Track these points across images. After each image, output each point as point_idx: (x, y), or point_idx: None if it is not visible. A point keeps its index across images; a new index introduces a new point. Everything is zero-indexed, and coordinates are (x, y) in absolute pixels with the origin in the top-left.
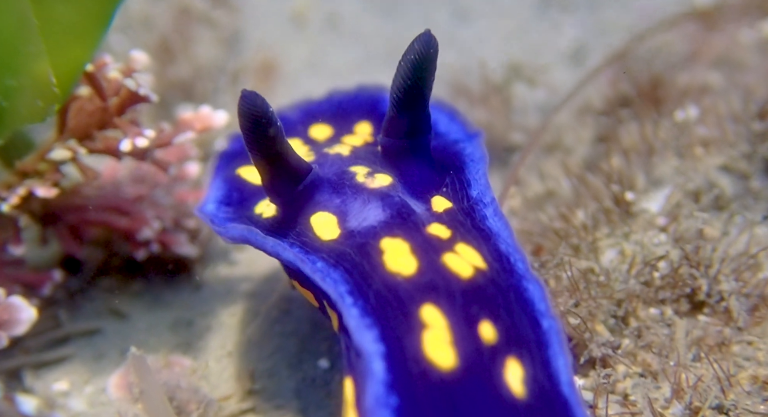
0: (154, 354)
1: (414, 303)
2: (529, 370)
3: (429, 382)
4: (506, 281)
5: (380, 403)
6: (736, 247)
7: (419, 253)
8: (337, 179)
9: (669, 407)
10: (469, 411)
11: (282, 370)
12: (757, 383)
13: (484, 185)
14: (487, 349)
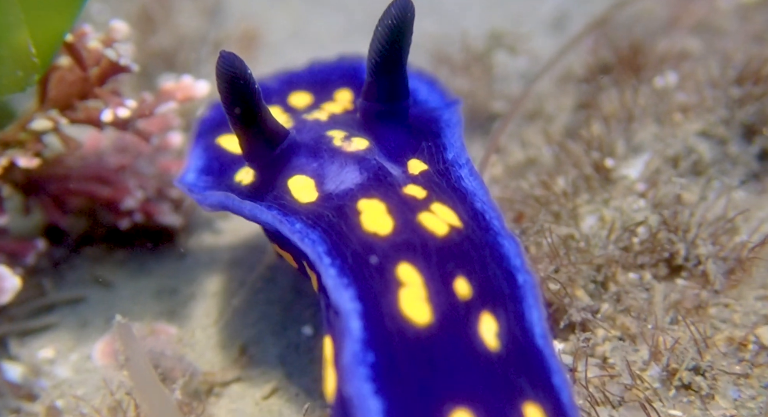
0: (139, 322)
1: (390, 262)
2: (503, 323)
3: (405, 339)
4: (482, 238)
5: (357, 361)
6: (714, 212)
7: (395, 213)
8: (314, 143)
9: (647, 369)
10: (444, 365)
11: (266, 337)
12: (733, 344)
13: (459, 148)
14: (462, 304)
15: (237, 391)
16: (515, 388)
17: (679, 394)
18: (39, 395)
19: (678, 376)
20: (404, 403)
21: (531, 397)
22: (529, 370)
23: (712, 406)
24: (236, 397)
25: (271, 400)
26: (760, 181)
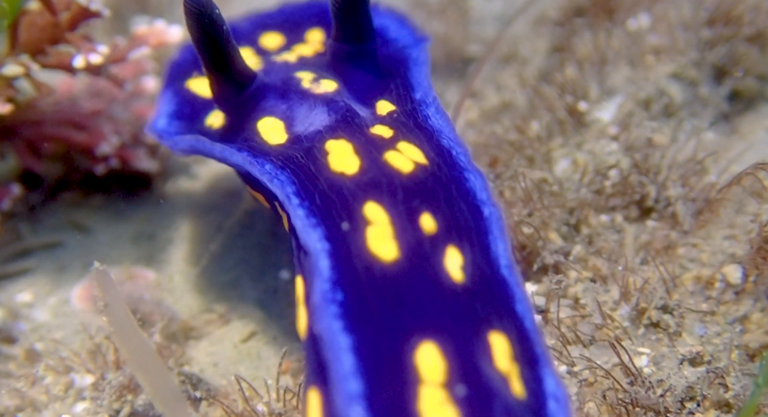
0: (117, 267)
1: (357, 201)
2: (469, 256)
3: (373, 276)
4: (448, 174)
5: (327, 299)
6: (684, 154)
7: (362, 153)
8: (283, 85)
9: (617, 309)
10: (411, 299)
11: (245, 281)
12: (701, 283)
13: (426, 87)
14: (427, 239)
15: (215, 334)
16: (480, 319)
17: (647, 332)
18: (18, 338)
19: (647, 314)
20: (372, 339)
21: (496, 326)
22: (494, 300)
23: (679, 343)
24: (215, 340)
25: (249, 343)
26: (730, 122)
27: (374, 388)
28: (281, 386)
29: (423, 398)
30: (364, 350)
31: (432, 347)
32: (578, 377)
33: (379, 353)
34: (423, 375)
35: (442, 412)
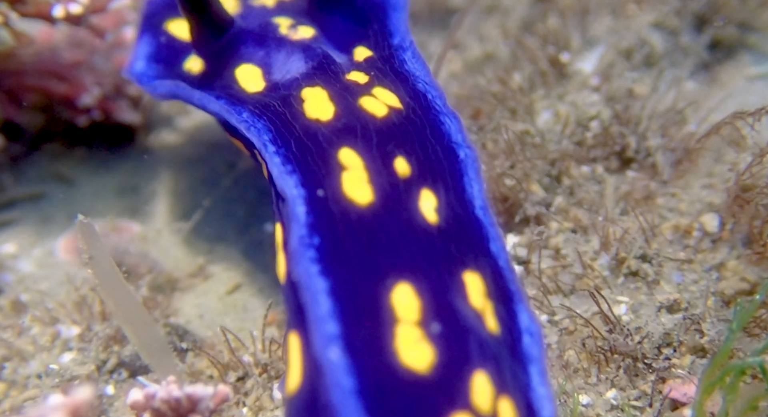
0: (101, 219)
1: (332, 146)
2: (443, 198)
3: (348, 220)
4: (423, 117)
5: (303, 244)
6: (664, 103)
7: (337, 99)
8: (261, 31)
9: (597, 259)
10: (387, 242)
11: (230, 234)
12: (679, 232)
13: (404, 32)
14: (401, 182)
15: (201, 286)
16: (454, 259)
17: (626, 281)
18: (3, 289)
19: (626, 264)
20: (349, 281)
21: (470, 265)
22: (468, 241)
23: (657, 291)
24: (200, 292)
25: (235, 295)
26: (710, 71)
27: (351, 328)
28: (267, 337)
29: (399, 337)
30: (341, 292)
31: (407, 287)
32: (558, 326)
33: (355, 295)
34: (399, 314)
35: (418, 350)
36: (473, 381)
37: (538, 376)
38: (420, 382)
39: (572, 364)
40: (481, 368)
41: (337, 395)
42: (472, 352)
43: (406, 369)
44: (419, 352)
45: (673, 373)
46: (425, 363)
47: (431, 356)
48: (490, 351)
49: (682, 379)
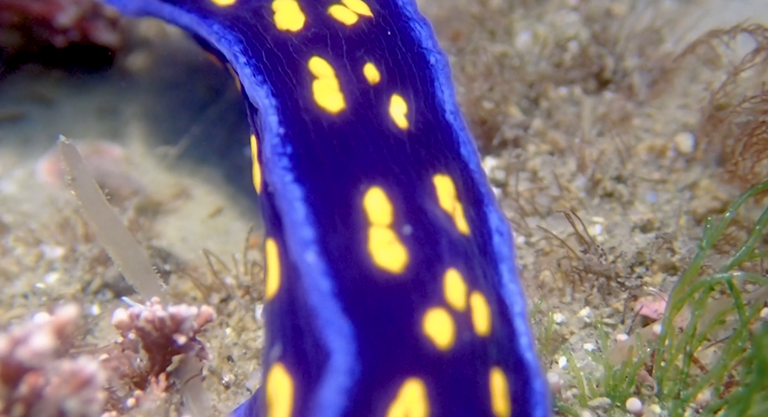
0: (82, 140)
1: (302, 56)
2: (413, 104)
3: (320, 127)
4: (393, 24)
5: (277, 153)
6: (642, 23)
7: (307, 9)
8: None
9: (573, 180)
10: (358, 148)
11: (211, 158)
12: (654, 152)
13: None
14: (372, 88)
15: (183, 210)
16: (424, 163)
17: (602, 202)
18: None
19: (602, 185)
20: (322, 187)
21: (440, 169)
22: (439, 145)
23: (631, 211)
24: (183, 215)
25: (217, 218)
26: None
27: (326, 233)
28: (249, 260)
29: (372, 239)
30: (315, 198)
31: (379, 192)
32: (535, 247)
33: (329, 201)
34: (371, 218)
35: (391, 251)
36: (446, 279)
37: (508, 274)
38: (395, 282)
39: (547, 284)
40: (453, 267)
41: (315, 297)
42: (443, 252)
43: (381, 270)
44: (392, 253)
45: (644, 290)
46: (399, 264)
47: (404, 257)
48: (461, 251)
49: (654, 297)
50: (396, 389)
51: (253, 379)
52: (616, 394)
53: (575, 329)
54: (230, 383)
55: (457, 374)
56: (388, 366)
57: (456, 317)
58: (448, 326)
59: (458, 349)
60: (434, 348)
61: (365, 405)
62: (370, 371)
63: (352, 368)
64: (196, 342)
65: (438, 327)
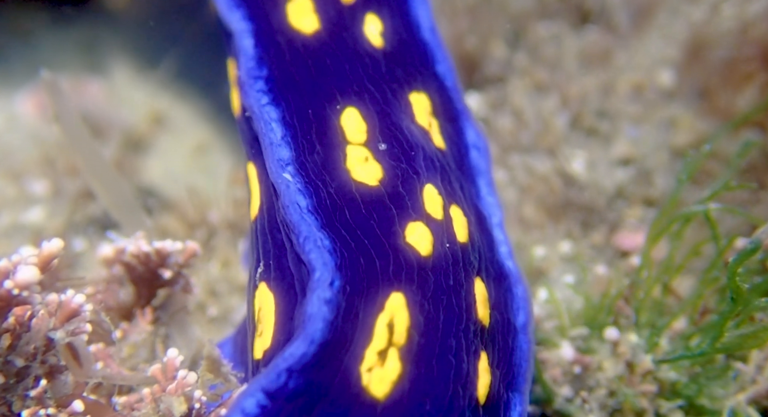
0: (63, 73)
1: None
2: (389, 22)
3: (295, 49)
4: None
5: (252, 76)
6: None
7: None
8: None
9: (556, 116)
10: (333, 67)
11: (193, 93)
12: (635, 88)
13: None
14: (347, 8)
15: (166, 146)
16: (400, 81)
17: (584, 137)
18: None
19: (584, 120)
20: (298, 108)
21: (416, 86)
22: (415, 63)
23: (612, 146)
24: (165, 151)
25: (200, 155)
26: None
27: (303, 152)
28: (232, 196)
29: (349, 157)
30: (291, 119)
31: (354, 110)
32: (517, 183)
33: (305, 121)
34: (348, 136)
35: (367, 167)
36: (423, 193)
37: (486, 187)
38: (372, 196)
39: (529, 219)
40: (430, 181)
41: (294, 214)
42: (419, 166)
43: (358, 185)
44: (369, 169)
45: (623, 224)
46: (376, 179)
47: (381, 173)
48: (438, 165)
49: (632, 230)
50: (380, 300)
51: (237, 313)
52: (595, 324)
53: (556, 262)
54: (215, 317)
55: (439, 282)
56: (370, 277)
57: (435, 228)
58: (427, 236)
59: (439, 258)
60: (415, 258)
61: (350, 316)
62: (352, 283)
63: (334, 281)
64: (181, 276)
65: (417, 237)
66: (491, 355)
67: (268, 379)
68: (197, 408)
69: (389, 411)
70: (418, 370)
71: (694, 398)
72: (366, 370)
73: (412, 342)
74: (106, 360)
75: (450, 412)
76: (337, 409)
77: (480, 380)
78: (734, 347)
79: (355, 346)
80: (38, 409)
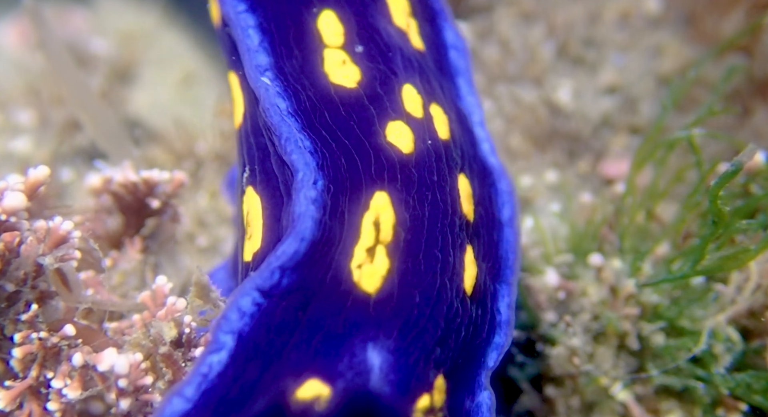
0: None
1: None
2: None
3: None
4: None
5: None
6: None
7: None
8: None
9: (543, 45)
10: None
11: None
12: (622, 15)
13: None
14: None
15: (151, 77)
16: None
17: (570, 66)
18: None
19: (570, 49)
20: (275, 13)
21: None
22: None
23: (599, 75)
24: (151, 83)
25: (185, 86)
26: None
27: (280, 57)
28: (219, 128)
29: (327, 60)
30: (268, 25)
31: (331, 13)
32: (504, 112)
33: (282, 26)
34: (325, 40)
35: (345, 69)
36: (402, 93)
37: (466, 86)
38: (352, 98)
39: (516, 149)
40: (408, 81)
41: (274, 118)
42: (397, 67)
43: (337, 88)
44: (347, 72)
45: (609, 152)
46: (354, 81)
47: (359, 74)
48: (416, 65)
49: (618, 158)
50: (365, 199)
51: (226, 244)
52: (580, 250)
53: (542, 190)
54: (204, 247)
55: (423, 179)
56: (352, 176)
57: (415, 126)
58: (408, 134)
59: (421, 155)
60: (397, 156)
61: (336, 214)
62: (335, 182)
63: (317, 180)
64: (169, 206)
65: (398, 136)
66: (476, 249)
67: (262, 277)
68: (187, 333)
69: (381, 304)
70: (405, 265)
71: (675, 320)
72: (356, 267)
73: (399, 238)
74: (97, 287)
75: (438, 303)
76: (331, 305)
77: (466, 272)
78: (715, 269)
79: (343, 244)
80: (30, 332)
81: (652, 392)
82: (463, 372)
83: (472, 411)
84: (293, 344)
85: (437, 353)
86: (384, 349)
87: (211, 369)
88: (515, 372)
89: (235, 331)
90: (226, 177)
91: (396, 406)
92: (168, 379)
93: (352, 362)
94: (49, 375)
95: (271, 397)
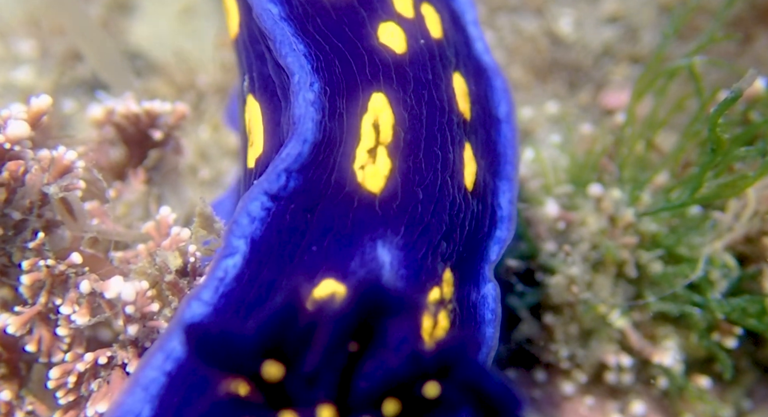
0: None
1: None
2: None
3: None
4: None
5: None
6: None
7: None
8: None
9: None
10: None
11: None
12: None
13: None
14: None
15: (152, 8)
16: None
17: None
18: None
19: None
20: None
21: None
22: None
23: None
24: (151, 14)
25: (186, 18)
26: None
27: None
28: (220, 60)
29: None
30: None
31: None
32: (505, 44)
33: None
34: None
35: None
36: None
37: None
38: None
39: (517, 80)
40: None
41: (269, 20)
42: None
43: None
44: None
45: (610, 82)
46: None
47: None
48: None
49: (618, 88)
50: (362, 100)
51: (229, 176)
52: (580, 181)
53: (543, 121)
54: (207, 180)
55: (418, 78)
56: (348, 78)
57: (407, 26)
58: (400, 34)
59: (415, 54)
60: (391, 56)
61: (335, 116)
62: (330, 84)
63: (313, 83)
64: (172, 137)
65: (390, 36)
66: (475, 146)
67: (269, 180)
68: (192, 262)
69: (386, 203)
70: (407, 164)
71: (673, 247)
72: (359, 168)
73: (399, 138)
74: (102, 217)
75: (441, 199)
76: (338, 206)
77: (466, 169)
78: (713, 196)
79: (345, 147)
80: (37, 260)
81: (649, 319)
82: (468, 265)
83: (479, 302)
84: (305, 246)
85: (443, 247)
86: (393, 246)
87: (227, 273)
88: (515, 301)
89: (247, 235)
90: (228, 108)
91: (409, 300)
92: (174, 307)
93: (363, 260)
94: (58, 301)
95: (287, 297)
